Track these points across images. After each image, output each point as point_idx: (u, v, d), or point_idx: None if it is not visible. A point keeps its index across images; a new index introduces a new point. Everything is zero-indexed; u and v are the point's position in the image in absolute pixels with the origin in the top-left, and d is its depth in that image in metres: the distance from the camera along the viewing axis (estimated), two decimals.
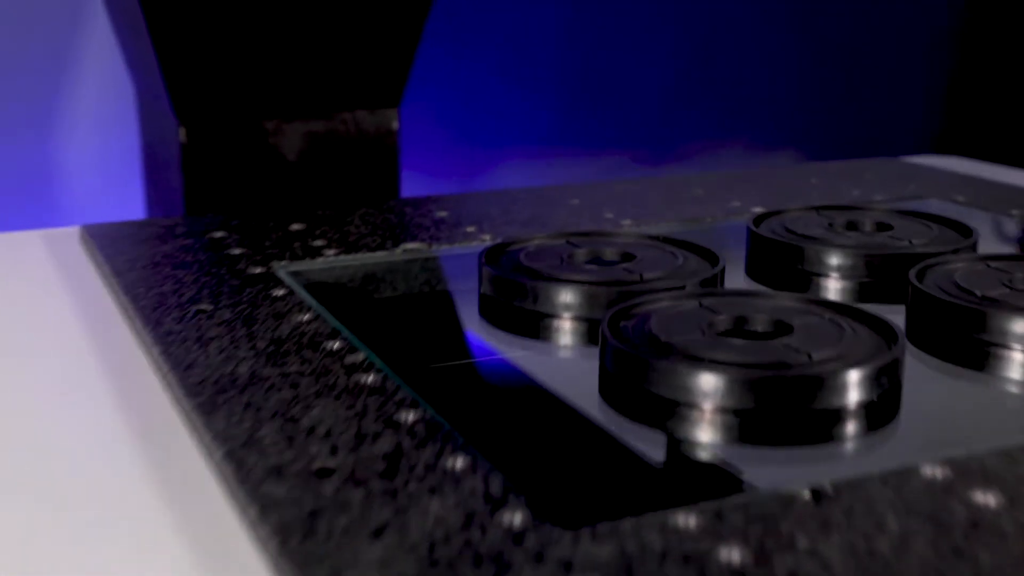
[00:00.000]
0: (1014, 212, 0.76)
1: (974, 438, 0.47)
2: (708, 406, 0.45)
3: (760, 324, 0.51)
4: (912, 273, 0.57)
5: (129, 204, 1.44)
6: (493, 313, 0.59)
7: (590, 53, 1.96)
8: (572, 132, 1.95)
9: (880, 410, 0.46)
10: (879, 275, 0.62)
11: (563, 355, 0.55)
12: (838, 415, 0.45)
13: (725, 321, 0.52)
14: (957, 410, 0.50)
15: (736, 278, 0.67)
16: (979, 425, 0.49)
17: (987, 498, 0.37)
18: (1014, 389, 0.51)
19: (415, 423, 0.42)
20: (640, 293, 0.55)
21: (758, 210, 0.76)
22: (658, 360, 0.46)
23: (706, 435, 0.45)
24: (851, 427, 0.45)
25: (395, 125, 0.95)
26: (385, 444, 0.41)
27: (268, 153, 0.91)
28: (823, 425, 0.45)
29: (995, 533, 0.35)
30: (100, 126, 1.42)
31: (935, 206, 0.80)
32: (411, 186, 1.88)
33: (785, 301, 0.53)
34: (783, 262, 0.65)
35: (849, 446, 0.45)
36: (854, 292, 0.63)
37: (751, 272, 0.67)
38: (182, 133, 0.87)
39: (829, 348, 0.48)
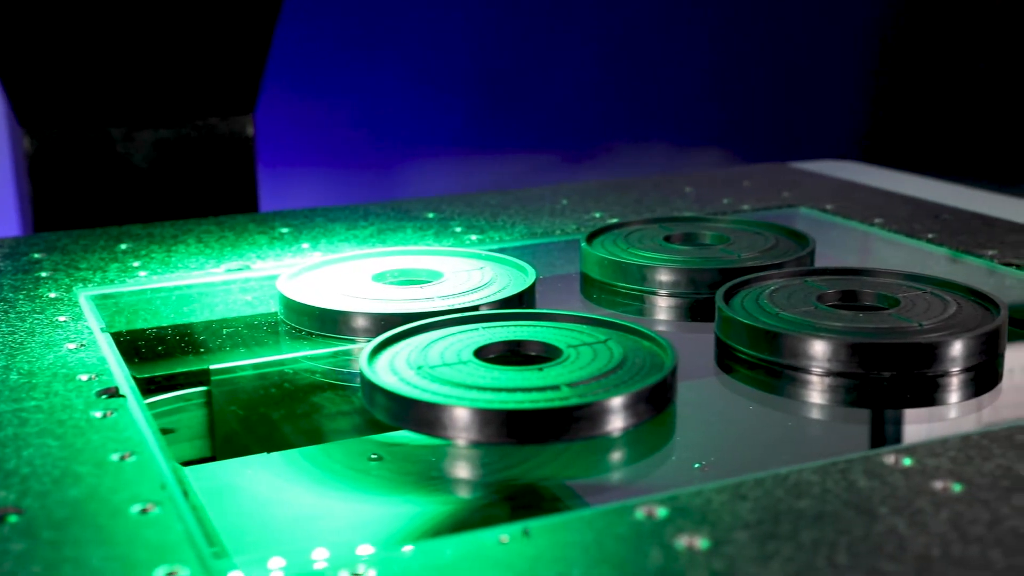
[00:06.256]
0: (877, 221, 0.74)
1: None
2: None
3: None
4: (720, 292, 0.55)
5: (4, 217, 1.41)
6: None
7: (504, 54, 1.93)
8: (487, 133, 1.93)
9: None
10: (700, 291, 0.60)
11: None
12: None
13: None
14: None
15: (570, 295, 0.65)
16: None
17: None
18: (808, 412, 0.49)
19: (125, 461, 0.40)
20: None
21: (614, 222, 0.74)
22: None
23: None
24: None
25: (250, 131, 0.93)
26: (81, 488, 0.38)
27: (118, 161, 0.88)
28: None
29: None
30: None
31: (802, 215, 0.78)
32: (324, 186, 1.86)
33: None
34: (610, 277, 0.63)
35: None
36: (677, 309, 0.61)
37: (584, 288, 0.65)
38: (26, 142, 0.85)
39: None
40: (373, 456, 0.47)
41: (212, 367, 0.54)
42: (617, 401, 0.43)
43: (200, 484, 0.46)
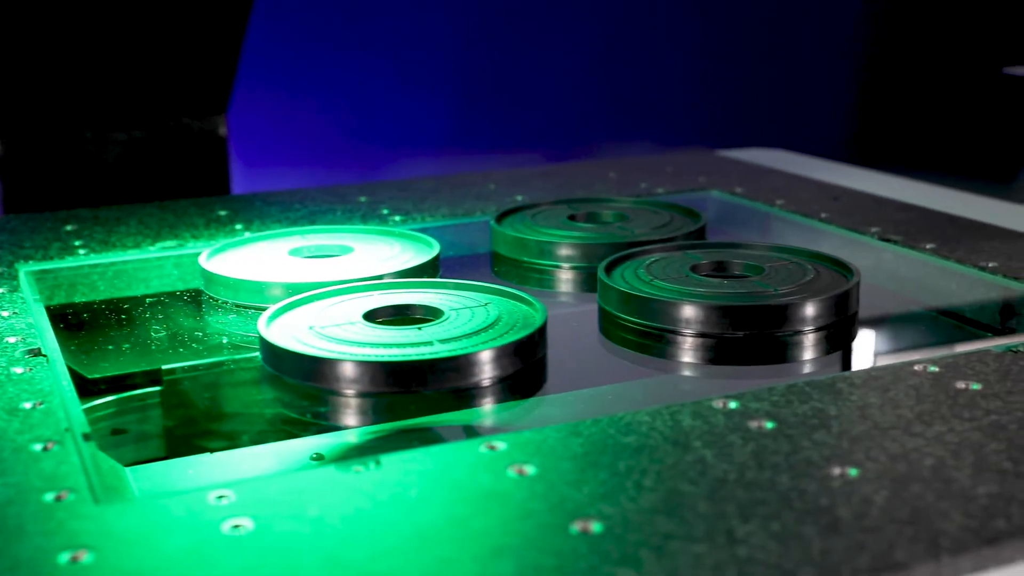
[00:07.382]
0: (778, 202, 0.79)
1: None
2: None
3: None
4: (602, 264, 0.60)
5: None
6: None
7: (488, 54, 1.97)
8: (471, 131, 1.97)
9: None
10: (593, 264, 0.65)
11: None
12: None
13: None
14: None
15: (480, 269, 0.70)
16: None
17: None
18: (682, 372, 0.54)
19: (36, 409, 0.45)
20: None
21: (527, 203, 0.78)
22: None
23: None
24: None
25: (223, 131, 0.97)
26: None
27: (91, 162, 0.92)
28: None
29: None
30: None
31: (712, 197, 0.83)
32: (307, 186, 1.90)
33: None
34: (516, 253, 0.68)
35: None
36: (574, 281, 0.65)
37: (493, 264, 0.69)
38: None
39: None
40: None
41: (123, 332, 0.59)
42: (483, 355, 0.48)
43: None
